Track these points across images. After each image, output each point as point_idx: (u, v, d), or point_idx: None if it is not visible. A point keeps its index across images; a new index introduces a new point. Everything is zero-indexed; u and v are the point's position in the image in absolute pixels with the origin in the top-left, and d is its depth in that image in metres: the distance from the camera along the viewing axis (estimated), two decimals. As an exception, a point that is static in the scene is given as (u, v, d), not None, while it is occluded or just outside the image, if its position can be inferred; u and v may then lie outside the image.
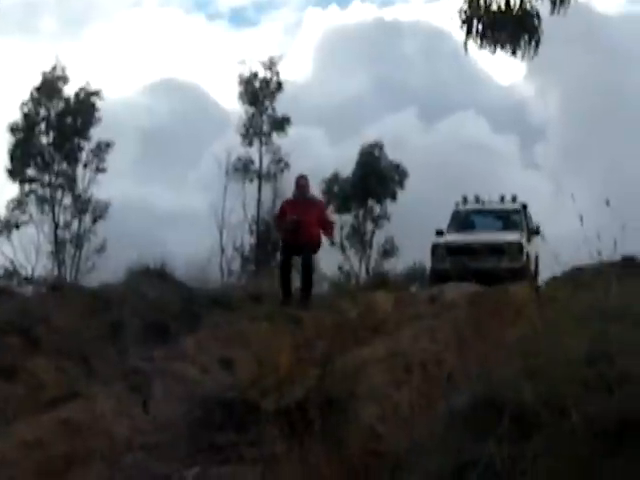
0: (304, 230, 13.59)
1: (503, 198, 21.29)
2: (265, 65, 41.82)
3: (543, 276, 18.06)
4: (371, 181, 41.54)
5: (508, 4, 9.79)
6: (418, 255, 31.39)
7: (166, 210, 45.08)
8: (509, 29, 9.86)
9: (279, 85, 41.86)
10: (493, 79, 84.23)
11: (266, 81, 41.73)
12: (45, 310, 11.04)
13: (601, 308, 6.30)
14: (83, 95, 40.14)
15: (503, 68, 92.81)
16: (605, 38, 53.04)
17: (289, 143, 41.25)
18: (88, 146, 40.04)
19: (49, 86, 40.07)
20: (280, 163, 41.08)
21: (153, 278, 13.30)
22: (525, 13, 9.84)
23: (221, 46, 74.19)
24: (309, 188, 14.42)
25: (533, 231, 19.89)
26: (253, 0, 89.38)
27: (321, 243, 14.27)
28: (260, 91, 41.51)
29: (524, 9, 9.82)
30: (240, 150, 40.93)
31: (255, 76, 41.66)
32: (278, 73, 41.97)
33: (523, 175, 48.76)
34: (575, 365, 5.05)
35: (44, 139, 40.01)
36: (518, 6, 9.82)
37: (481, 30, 9.86)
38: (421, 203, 40.03)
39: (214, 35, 70.04)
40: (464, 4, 9.88)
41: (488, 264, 18.29)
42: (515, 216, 20.55)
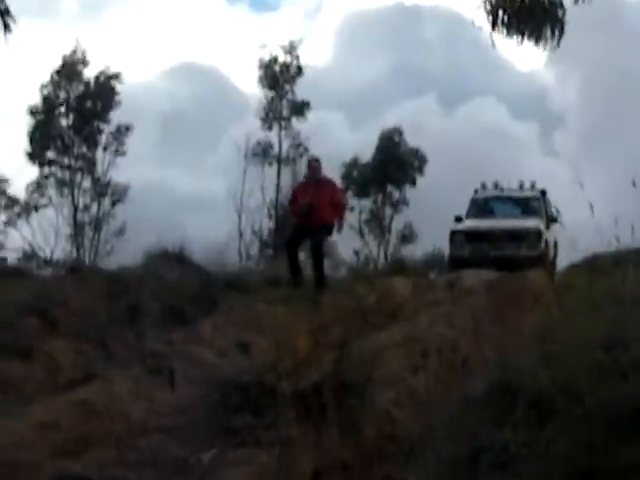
0: (317, 213, 13.60)
1: (522, 185, 21.16)
2: (285, 49, 41.64)
3: (562, 263, 18.03)
4: (390, 166, 41.42)
5: None
6: (437, 241, 31.23)
7: (185, 194, 45.03)
8: (534, 19, 9.82)
9: (299, 69, 41.69)
10: (513, 65, 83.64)
11: (286, 65, 41.55)
12: (63, 292, 11.09)
13: (618, 295, 6.29)
14: (103, 78, 40.06)
15: (523, 55, 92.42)
16: (626, 24, 52.53)
17: (309, 127, 41.06)
18: (108, 129, 39.93)
19: (69, 69, 39.98)
20: (299, 147, 41.00)
21: (171, 261, 13.33)
22: (550, 3, 9.80)
23: (241, 30, 74.00)
24: (321, 170, 14.38)
25: (552, 218, 19.81)
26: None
27: (334, 225, 14.22)
28: (280, 75, 41.36)
29: None
30: (259, 134, 40.84)
31: (275, 60, 41.50)
32: (298, 57, 41.78)
33: (542, 162, 48.35)
34: (591, 351, 5.04)
35: (64, 122, 40.01)
36: None
37: (507, 20, 9.83)
38: (440, 189, 39.85)
39: (234, 19, 69.88)
40: None
41: (507, 251, 18.29)
42: (534, 203, 20.43)
